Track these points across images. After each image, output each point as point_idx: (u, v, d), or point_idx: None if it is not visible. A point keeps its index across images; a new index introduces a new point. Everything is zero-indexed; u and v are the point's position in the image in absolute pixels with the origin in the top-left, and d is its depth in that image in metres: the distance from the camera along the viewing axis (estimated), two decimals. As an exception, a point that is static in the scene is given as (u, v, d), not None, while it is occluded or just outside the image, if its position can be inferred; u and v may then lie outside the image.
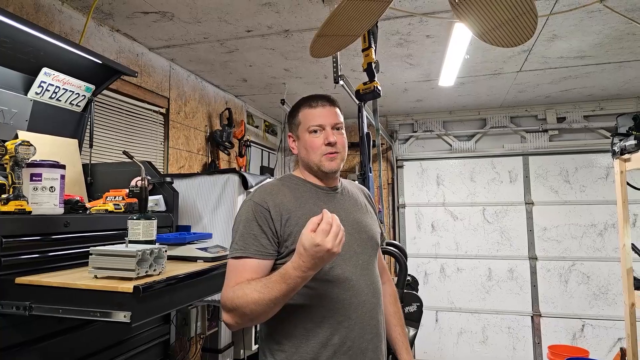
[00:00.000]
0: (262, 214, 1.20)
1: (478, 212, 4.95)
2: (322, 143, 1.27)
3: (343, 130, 1.33)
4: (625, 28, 2.70)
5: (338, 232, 1.01)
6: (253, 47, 2.95)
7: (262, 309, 1.08)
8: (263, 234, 1.18)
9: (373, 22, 1.63)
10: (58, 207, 1.45)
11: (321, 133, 1.28)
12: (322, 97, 1.32)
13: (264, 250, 1.17)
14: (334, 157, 1.28)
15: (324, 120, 1.28)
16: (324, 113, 1.29)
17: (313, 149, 1.28)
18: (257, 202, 1.23)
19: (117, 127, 2.71)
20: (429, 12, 2.46)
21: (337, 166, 1.29)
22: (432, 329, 4.94)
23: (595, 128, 4.63)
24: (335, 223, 1.01)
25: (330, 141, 1.26)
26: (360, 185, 1.54)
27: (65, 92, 1.87)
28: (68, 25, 2.30)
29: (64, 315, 1.18)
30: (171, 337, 2.19)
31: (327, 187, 1.33)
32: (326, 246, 0.98)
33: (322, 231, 0.99)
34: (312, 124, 1.28)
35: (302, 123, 1.31)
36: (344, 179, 1.47)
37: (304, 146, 1.30)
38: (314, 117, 1.28)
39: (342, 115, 1.35)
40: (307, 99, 1.32)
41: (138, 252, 1.23)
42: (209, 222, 2.41)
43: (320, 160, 1.27)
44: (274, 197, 1.24)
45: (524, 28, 1.33)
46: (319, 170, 1.29)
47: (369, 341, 1.23)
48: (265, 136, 4.94)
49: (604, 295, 4.51)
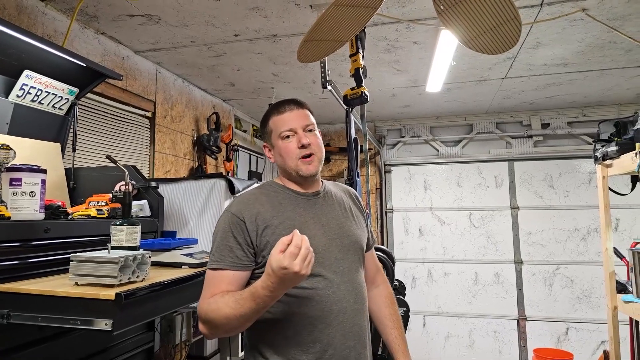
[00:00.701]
0: (238, 225, 1.20)
1: (465, 217, 4.99)
2: (296, 147, 1.25)
3: (316, 131, 1.31)
4: (606, 36, 2.75)
5: (307, 255, 0.99)
6: (241, 51, 2.94)
7: (233, 323, 1.08)
8: (238, 245, 1.19)
9: (360, 28, 1.63)
10: (38, 213, 1.42)
11: (293, 137, 1.26)
12: (289, 101, 1.31)
13: (239, 262, 1.18)
14: (311, 160, 1.26)
15: (294, 124, 1.26)
16: (293, 116, 1.27)
17: (288, 154, 1.26)
18: (234, 212, 1.23)
19: (101, 131, 2.67)
20: (416, 19, 2.48)
21: (314, 169, 1.27)
22: (419, 333, 4.95)
23: (578, 134, 4.71)
24: (305, 245, 0.99)
25: (304, 143, 1.25)
26: (346, 186, 1.51)
27: (47, 95, 1.83)
28: (51, 27, 2.26)
29: (44, 323, 1.16)
30: (155, 345, 2.16)
31: (307, 192, 1.31)
32: (293, 269, 0.96)
33: (290, 254, 0.97)
34: (282, 130, 1.26)
35: (273, 131, 1.29)
36: (328, 182, 1.45)
37: (279, 153, 1.28)
38: (284, 122, 1.27)
39: (313, 117, 1.34)
40: (275, 106, 1.31)
41: (120, 258, 1.21)
42: (195, 228, 2.38)
43: (297, 164, 1.26)
44: (251, 207, 1.24)
45: (509, 35, 1.35)
46: (297, 175, 1.27)
47: (351, 348, 1.21)
48: (253, 141, 4.92)
49: (587, 298, 4.57)
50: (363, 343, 1.26)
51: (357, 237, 1.33)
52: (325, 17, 1.49)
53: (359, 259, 1.32)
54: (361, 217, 1.42)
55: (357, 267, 1.30)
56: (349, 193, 1.47)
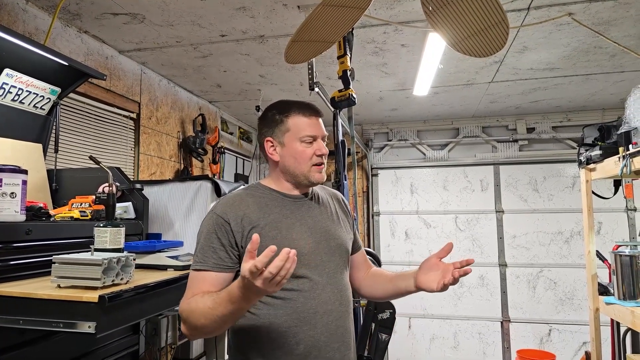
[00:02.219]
0: (222, 226, 1.19)
1: (450, 220, 5.03)
2: (313, 153, 1.27)
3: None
4: (592, 41, 2.80)
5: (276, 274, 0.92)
6: (227, 52, 2.92)
7: (212, 324, 1.07)
8: (222, 247, 1.18)
9: (348, 29, 1.63)
10: (19, 214, 1.38)
11: (314, 144, 1.28)
12: (313, 107, 1.32)
13: (222, 263, 1.17)
14: (322, 169, 1.30)
15: (318, 131, 1.29)
16: (318, 124, 1.30)
17: (304, 159, 1.26)
18: (219, 214, 1.22)
19: (84, 132, 2.63)
20: (404, 21, 2.49)
21: (324, 178, 1.31)
22: (405, 335, 4.97)
23: (563, 138, 4.78)
24: (274, 265, 0.91)
25: (324, 152, 1.28)
26: (333, 190, 1.52)
27: (29, 94, 1.79)
28: (33, 25, 2.21)
29: (25, 326, 1.13)
30: (141, 348, 2.12)
31: (294, 195, 1.31)
32: (256, 283, 0.92)
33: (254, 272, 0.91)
34: (306, 134, 1.27)
35: (291, 130, 1.27)
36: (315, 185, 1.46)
37: (293, 155, 1.27)
38: (311, 127, 1.28)
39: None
40: (299, 106, 1.30)
41: (104, 260, 1.18)
42: (180, 230, 2.35)
43: (310, 170, 1.27)
44: (236, 208, 1.23)
45: (496, 39, 1.36)
46: (306, 180, 1.28)
47: (335, 350, 1.21)
48: (240, 143, 4.89)
49: (569, 300, 4.64)
50: (347, 345, 1.26)
51: (342, 239, 1.33)
52: (313, 17, 1.49)
53: (344, 261, 1.33)
54: (347, 220, 1.44)
55: (342, 269, 1.31)
56: (335, 196, 1.48)
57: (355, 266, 1.46)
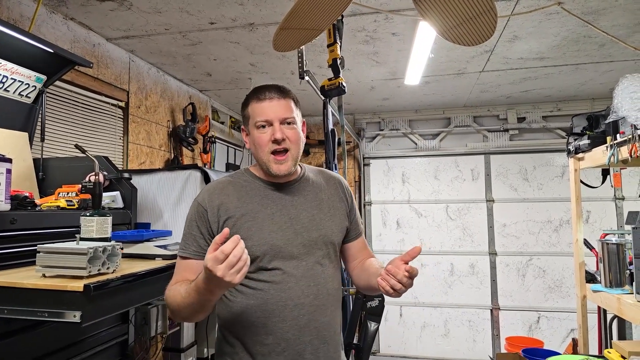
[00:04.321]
0: (201, 214, 1.21)
1: (441, 210, 5.06)
2: (269, 139, 1.19)
3: (296, 124, 1.24)
4: (581, 31, 2.80)
5: (234, 263, 0.92)
6: (217, 40, 2.89)
7: (186, 312, 1.10)
8: (201, 235, 1.20)
9: (337, 16, 1.62)
10: (4, 203, 1.37)
11: (269, 128, 1.20)
12: (272, 87, 1.23)
13: (202, 251, 1.17)
14: (284, 160, 1.20)
15: (271, 115, 1.20)
16: (272, 106, 1.20)
17: (260, 146, 1.21)
18: (199, 202, 1.23)
19: (71, 121, 2.59)
20: (395, 10, 2.47)
21: (287, 169, 1.21)
22: (396, 324, 5.02)
23: (553, 128, 4.81)
24: (234, 253, 0.91)
25: (277, 137, 1.18)
26: (334, 174, 1.41)
27: (13, 82, 1.76)
28: (17, 11, 2.17)
29: (10, 315, 1.13)
30: (130, 337, 2.12)
31: (278, 182, 1.26)
32: (216, 274, 0.91)
33: (214, 258, 0.91)
34: (258, 119, 1.20)
35: (250, 117, 1.24)
36: (312, 168, 1.40)
37: (253, 143, 1.24)
38: (262, 111, 1.20)
39: (298, 108, 1.28)
40: (255, 91, 1.25)
41: (89, 249, 1.17)
42: (170, 219, 2.34)
43: (269, 160, 1.20)
44: (215, 197, 1.23)
45: (485, 27, 1.35)
46: (268, 171, 1.23)
47: (307, 343, 1.18)
48: (230, 132, 4.86)
49: (558, 288, 4.71)
50: (323, 339, 1.21)
51: (328, 230, 1.27)
52: (301, 4, 1.47)
53: (327, 253, 1.26)
54: (342, 207, 1.35)
55: (324, 261, 1.25)
56: (333, 181, 1.39)
57: (350, 255, 1.39)
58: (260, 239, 1.18)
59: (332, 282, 1.27)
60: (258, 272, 1.19)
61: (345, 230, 1.35)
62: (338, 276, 1.31)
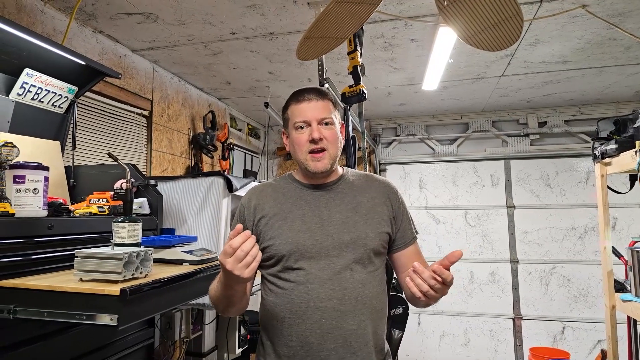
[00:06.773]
0: (241, 213, 1.29)
1: (460, 216, 5.01)
2: (307, 140, 1.22)
3: (334, 125, 1.25)
4: (606, 33, 2.77)
5: (242, 257, 0.99)
6: (237, 49, 2.94)
7: (220, 305, 1.20)
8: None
9: (360, 25, 1.64)
10: (42, 210, 1.42)
11: (306, 129, 1.23)
12: (310, 90, 1.26)
13: None
14: (321, 157, 1.21)
15: (309, 116, 1.22)
16: (310, 107, 1.23)
17: (299, 146, 1.24)
18: (242, 202, 1.31)
19: (99, 130, 2.67)
20: (414, 16, 2.49)
21: (324, 167, 1.22)
22: (414, 332, 4.96)
23: (576, 132, 4.72)
24: (242, 248, 0.98)
25: (314, 137, 1.20)
26: (382, 179, 1.36)
27: (47, 93, 1.83)
28: (50, 25, 2.25)
29: (50, 318, 1.16)
30: (155, 341, 2.16)
31: (314, 184, 1.28)
32: (226, 266, 1.00)
33: (224, 252, 1.01)
34: (297, 120, 1.23)
35: (290, 119, 1.27)
36: (357, 171, 1.39)
37: (292, 144, 1.27)
38: (300, 113, 1.23)
39: (337, 109, 1.29)
40: (295, 94, 1.28)
41: (125, 254, 1.20)
42: (193, 225, 2.38)
43: (306, 159, 1.23)
44: (254, 197, 1.30)
45: (510, 32, 1.36)
46: (305, 169, 1.25)
47: (331, 350, 1.15)
48: (248, 139, 4.92)
49: (584, 297, 4.59)
50: (349, 348, 1.15)
51: (361, 233, 1.21)
52: (326, 13, 1.50)
53: (359, 258, 1.20)
54: (382, 212, 1.28)
55: (355, 267, 1.20)
56: (380, 185, 1.34)
57: (399, 266, 1.32)
58: (288, 237, 1.21)
59: (363, 289, 1.20)
60: (285, 271, 1.21)
61: (387, 237, 1.27)
62: (374, 283, 1.23)
